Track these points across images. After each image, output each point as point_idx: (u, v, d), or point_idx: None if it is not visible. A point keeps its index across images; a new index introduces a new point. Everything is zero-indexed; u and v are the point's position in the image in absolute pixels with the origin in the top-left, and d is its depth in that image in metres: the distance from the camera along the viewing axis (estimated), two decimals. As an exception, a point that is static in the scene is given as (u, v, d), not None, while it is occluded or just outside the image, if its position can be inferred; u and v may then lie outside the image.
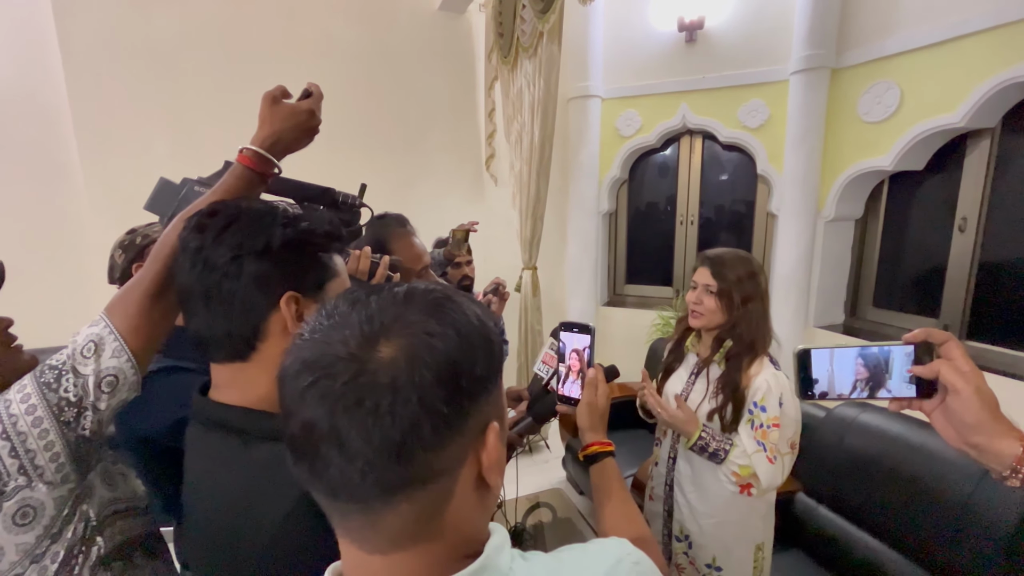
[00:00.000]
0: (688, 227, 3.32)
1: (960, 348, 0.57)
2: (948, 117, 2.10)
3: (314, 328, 0.38)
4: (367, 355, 0.35)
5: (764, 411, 1.21)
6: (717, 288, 1.26)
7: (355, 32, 3.12)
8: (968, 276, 2.25)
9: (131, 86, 2.67)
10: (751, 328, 1.26)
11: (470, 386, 0.37)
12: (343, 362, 0.35)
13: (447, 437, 0.36)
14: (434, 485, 0.37)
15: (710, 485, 1.29)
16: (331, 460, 0.34)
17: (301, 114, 0.76)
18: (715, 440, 1.24)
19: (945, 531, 1.41)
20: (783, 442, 1.21)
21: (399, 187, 3.32)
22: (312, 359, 0.36)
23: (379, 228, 1.35)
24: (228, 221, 0.59)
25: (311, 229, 0.62)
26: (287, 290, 0.59)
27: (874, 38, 2.35)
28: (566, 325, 0.88)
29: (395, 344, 0.35)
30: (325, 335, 0.37)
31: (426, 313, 0.37)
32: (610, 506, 0.73)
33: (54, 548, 0.62)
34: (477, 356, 0.38)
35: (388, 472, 0.34)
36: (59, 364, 0.62)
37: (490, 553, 0.40)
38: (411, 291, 0.40)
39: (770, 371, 1.24)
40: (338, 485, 0.35)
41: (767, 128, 2.81)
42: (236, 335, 0.59)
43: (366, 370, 0.34)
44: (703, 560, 1.32)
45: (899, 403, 0.60)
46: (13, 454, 0.58)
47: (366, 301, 0.39)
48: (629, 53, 3.13)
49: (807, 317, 2.79)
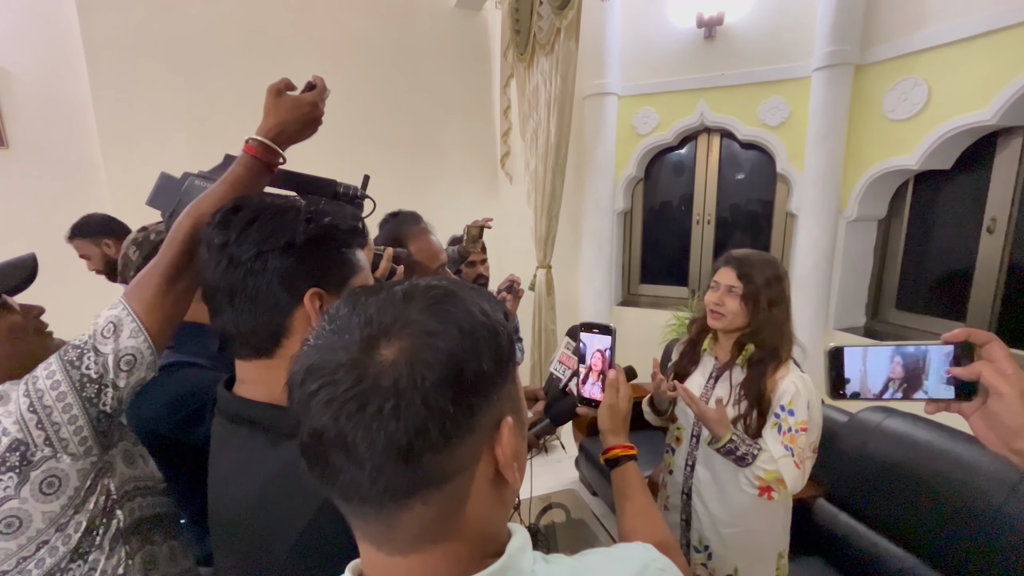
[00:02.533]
0: (704, 227, 3.28)
1: (1004, 350, 0.54)
2: (979, 115, 2.04)
3: (318, 333, 0.38)
4: (368, 359, 0.34)
5: (792, 415, 1.18)
6: (743, 290, 1.22)
7: (372, 29, 3.13)
8: (997, 278, 2.18)
9: (152, 83, 2.71)
10: (774, 333, 1.22)
11: (477, 383, 0.36)
12: (344, 368, 0.34)
13: (456, 437, 0.35)
14: (448, 485, 0.36)
15: (732, 493, 1.25)
16: (340, 466, 0.34)
17: (304, 106, 0.77)
18: (744, 444, 1.19)
19: (974, 542, 1.36)
20: (808, 447, 1.18)
21: (414, 185, 3.32)
22: (315, 365, 0.35)
23: (395, 225, 1.35)
24: (252, 217, 0.59)
25: (334, 224, 0.62)
26: (311, 286, 0.59)
27: (901, 33, 2.29)
28: (586, 325, 0.87)
29: (395, 346, 0.35)
30: (327, 340, 0.37)
31: (426, 311, 0.37)
32: (632, 511, 0.71)
33: (77, 518, 0.65)
34: (482, 351, 0.37)
35: (397, 476, 0.34)
36: (81, 343, 0.65)
37: (512, 554, 0.39)
38: (411, 289, 0.39)
39: (796, 374, 1.21)
40: (350, 490, 0.35)
41: (788, 126, 2.75)
42: (261, 331, 0.59)
43: (367, 375, 0.34)
44: (723, 571, 1.29)
45: (936, 405, 0.58)
46: (40, 426, 0.61)
47: (365, 303, 0.38)
48: (647, 50, 3.09)
49: (827, 319, 2.73)
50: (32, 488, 0.61)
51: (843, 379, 0.61)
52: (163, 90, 2.73)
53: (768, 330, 1.22)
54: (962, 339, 0.55)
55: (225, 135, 2.73)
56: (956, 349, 0.55)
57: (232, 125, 2.76)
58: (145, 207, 0.88)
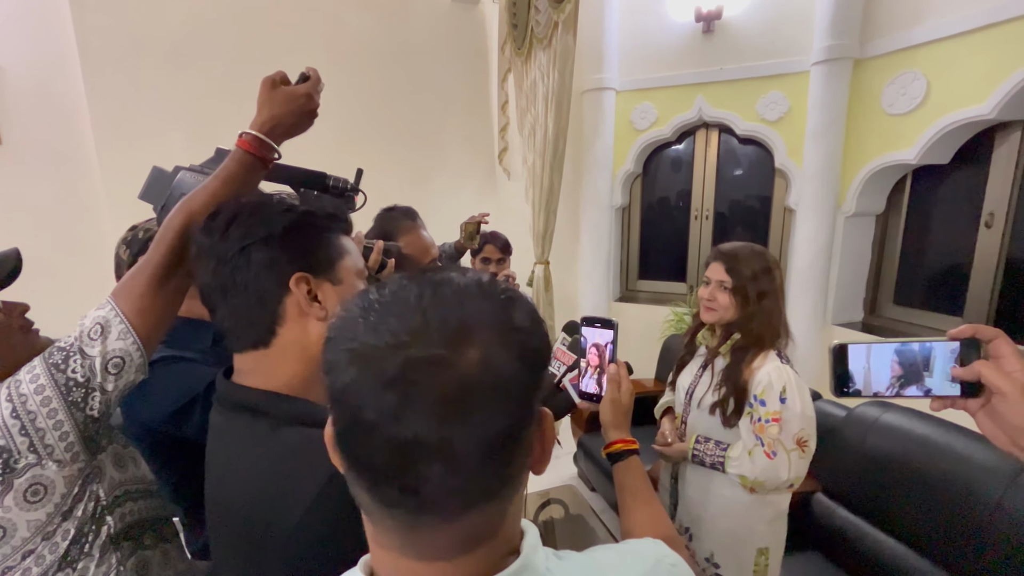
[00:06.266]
0: (703, 222, 3.27)
1: (1011, 346, 0.53)
2: (977, 109, 2.03)
3: (366, 309, 0.34)
4: (458, 357, 0.31)
5: (764, 405, 1.20)
6: (731, 285, 1.24)
7: (368, 23, 3.11)
8: (994, 273, 2.18)
9: (146, 78, 2.68)
10: (764, 324, 1.24)
11: (544, 379, 0.37)
12: (436, 367, 0.31)
13: (530, 432, 0.36)
14: (518, 481, 0.37)
15: (711, 481, 1.30)
16: (431, 476, 0.31)
17: (299, 98, 0.75)
18: (708, 455, 1.27)
19: (973, 535, 1.37)
20: (787, 438, 1.18)
21: (411, 181, 3.31)
22: (396, 371, 0.31)
23: (387, 221, 1.35)
24: (231, 217, 0.61)
25: (311, 211, 0.64)
26: (296, 272, 0.60)
27: (900, 27, 2.28)
28: (588, 320, 0.86)
29: (486, 342, 0.33)
30: (395, 335, 0.32)
31: (504, 308, 0.35)
32: (636, 506, 0.71)
33: (65, 525, 0.63)
34: (546, 348, 0.38)
35: (493, 479, 0.33)
36: (67, 346, 0.63)
37: (528, 552, 0.39)
38: (477, 282, 0.36)
39: (773, 364, 1.22)
40: (436, 501, 0.32)
41: (786, 121, 2.74)
42: (256, 323, 0.60)
43: (466, 374, 0.31)
44: (702, 554, 1.32)
45: (941, 402, 0.57)
46: (23, 432, 0.59)
47: (436, 293, 0.34)
48: (645, 44, 3.07)
49: (825, 314, 2.73)
50: (16, 496, 0.59)
51: (847, 376, 0.61)
52: (157, 85, 2.70)
53: (758, 321, 1.24)
54: (968, 335, 0.54)
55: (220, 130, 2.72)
56: (961, 346, 0.55)
57: (227, 120, 2.73)
58: (139, 203, 0.87)
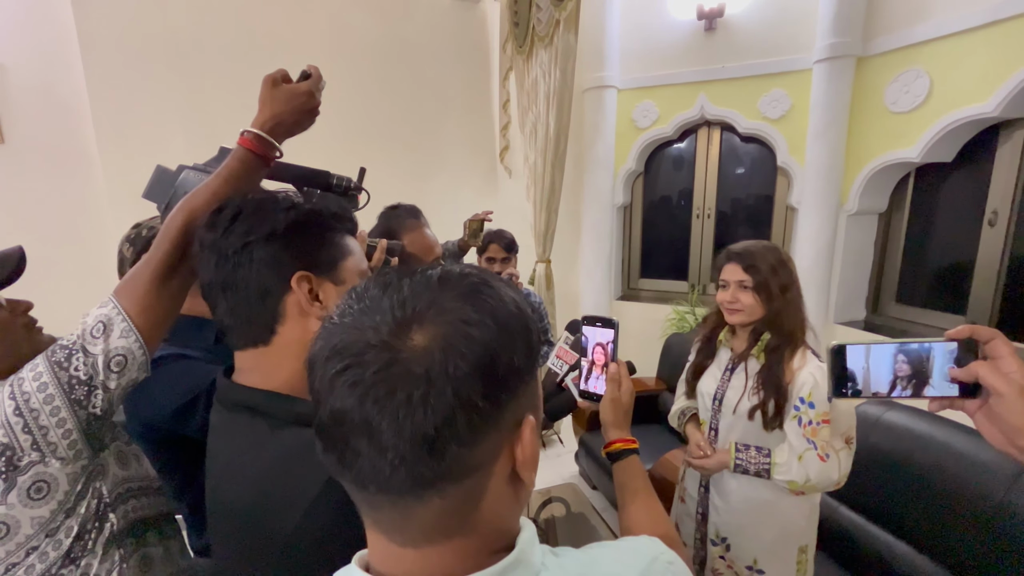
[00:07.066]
0: (704, 221, 3.26)
1: (1008, 347, 0.53)
2: (981, 107, 2.02)
3: (344, 312, 0.37)
4: (400, 343, 0.33)
5: (812, 407, 1.16)
6: (753, 282, 1.22)
7: (370, 21, 3.11)
8: (998, 272, 2.17)
9: (148, 77, 2.68)
10: (792, 317, 1.21)
11: (507, 378, 0.35)
12: (375, 350, 0.33)
13: (482, 431, 0.34)
14: (468, 480, 0.35)
15: (752, 488, 1.25)
16: (361, 451, 0.33)
17: (301, 96, 0.75)
18: (752, 463, 1.21)
19: (976, 534, 1.37)
20: (836, 438, 1.16)
21: (413, 180, 3.31)
22: (342, 345, 0.34)
23: (391, 219, 1.35)
24: (235, 213, 0.60)
25: (316, 210, 0.63)
26: (298, 270, 0.59)
27: (903, 25, 2.27)
28: (588, 319, 0.86)
29: (429, 332, 0.33)
30: (355, 320, 0.35)
31: (462, 299, 0.35)
32: (635, 505, 0.71)
33: (68, 523, 0.64)
34: (516, 346, 0.36)
35: (420, 466, 0.33)
36: (69, 344, 0.63)
37: (523, 547, 0.39)
38: (446, 275, 0.37)
39: (814, 364, 1.19)
40: (368, 476, 0.34)
41: (788, 119, 2.73)
42: (256, 320, 0.60)
43: (399, 359, 0.33)
44: (743, 562, 1.28)
45: (940, 403, 0.57)
46: (26, 430, 0.59)
47: (398, 285, 0.37)
48: (647, 42, 3.06)
49: (827, 313, 2.72)
50: (20, 493, 0.59)
51: (846, 377, 0.61)
52: (159, 84, 2.71)
53: (786, 315, 1.21)
54: (966, 336, 0.54)
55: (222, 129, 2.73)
56: (960, 346, 0.55)
57: (229, 119, 2.74)
58: (141, 201, 0.87)
